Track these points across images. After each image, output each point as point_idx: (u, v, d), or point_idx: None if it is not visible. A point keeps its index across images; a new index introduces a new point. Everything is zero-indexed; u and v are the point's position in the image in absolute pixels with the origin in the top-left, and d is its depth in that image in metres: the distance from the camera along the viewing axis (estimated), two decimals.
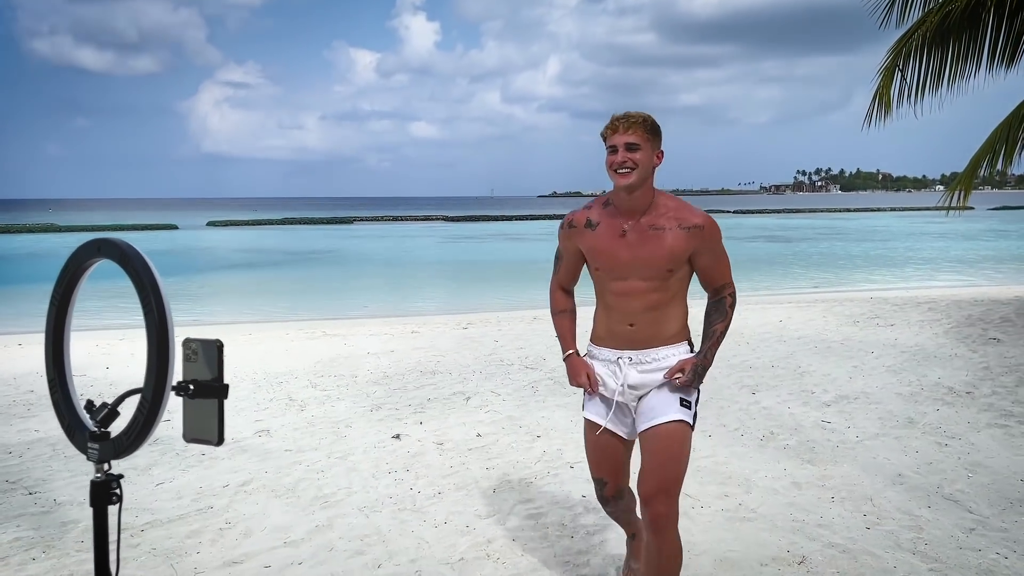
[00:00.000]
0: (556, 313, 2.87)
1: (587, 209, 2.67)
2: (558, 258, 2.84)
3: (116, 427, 1.67)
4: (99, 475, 1.64)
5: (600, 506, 2.99)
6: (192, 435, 1.64)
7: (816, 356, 8.02)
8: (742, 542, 3.62)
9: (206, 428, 1.61)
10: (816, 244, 35.47)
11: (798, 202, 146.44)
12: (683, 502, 4.05)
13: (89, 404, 1.66)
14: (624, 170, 2.43)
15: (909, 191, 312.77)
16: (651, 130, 2.46)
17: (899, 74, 10.22)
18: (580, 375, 2.71)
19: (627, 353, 2.63)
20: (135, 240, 1.67)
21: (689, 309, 2.74)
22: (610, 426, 2.73)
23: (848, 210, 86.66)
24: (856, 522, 3.84)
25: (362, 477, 4.60)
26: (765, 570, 3.35)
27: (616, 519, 3.04)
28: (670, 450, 2.56)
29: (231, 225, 58.73)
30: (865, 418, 5.68)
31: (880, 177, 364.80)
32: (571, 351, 2.76)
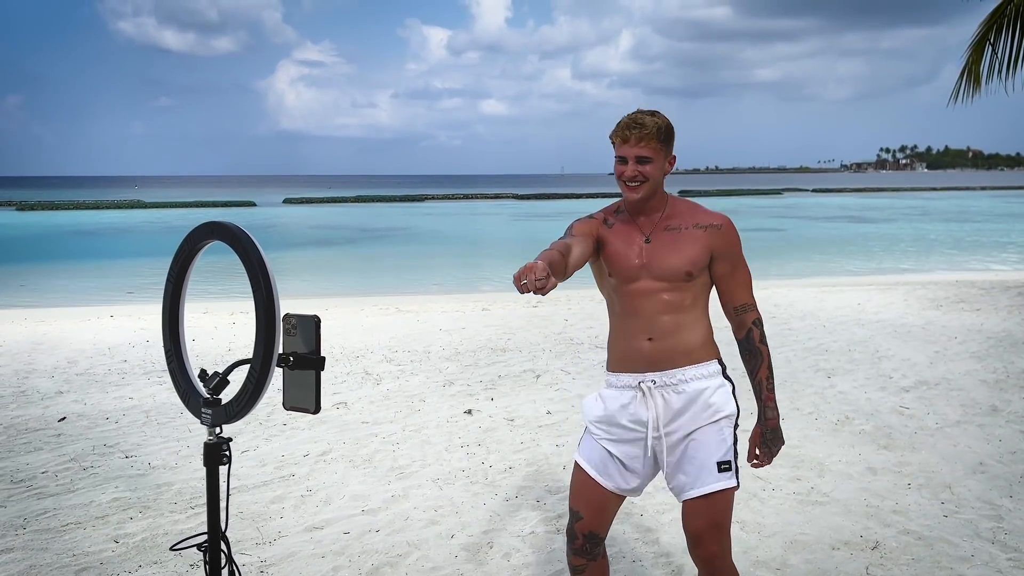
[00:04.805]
0: (547, 250, 2.16)
1: (603, 211, 2.50)
2: (566, 234, 2.39)
3: (226, 395, 1.80)
4: (211, 438, 1.78)
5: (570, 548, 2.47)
6: (291, 403, 1.76)
7: (896, 340, 7.82)
8: (813, 525, 3.61)
9: (304, 397, 1.74)
10: (899, 225, 34.22)
11: (881, 181, 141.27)
12: (753, 484, 4.08)
13: (202, 373, 1.80)
14: (635, 183, 2.32)
15: (1002, 169, 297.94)
16: (664, 139, 2.31)
17: (990, 48, 9.78)
18: (529, 267, 1.90)
19: (650, 376, 2.34)
20: (216, 218, 1.78)
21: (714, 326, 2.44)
22: (601, 481, 2.40)
23: (935, 189, 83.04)
24: (933, 509, 3.78)
25: (436, 450, 4.74)
26: (837, 554, 3.34)
27: None
28: (715, 502, 2.30)
29: (306, 203, 60.08)
30: (946, 405, 5.54)
31: (970, 155, 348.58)
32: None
